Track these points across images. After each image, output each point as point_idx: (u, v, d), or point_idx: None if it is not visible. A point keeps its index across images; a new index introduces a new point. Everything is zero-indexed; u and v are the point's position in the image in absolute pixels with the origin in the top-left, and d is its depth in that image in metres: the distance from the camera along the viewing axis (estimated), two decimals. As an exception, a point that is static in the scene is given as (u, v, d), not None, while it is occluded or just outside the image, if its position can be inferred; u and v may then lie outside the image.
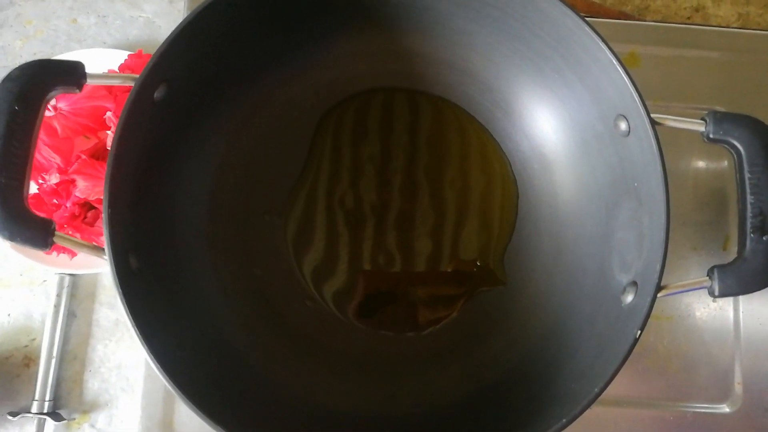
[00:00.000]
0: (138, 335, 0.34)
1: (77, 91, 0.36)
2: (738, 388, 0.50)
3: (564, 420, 0.34)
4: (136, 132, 0.37)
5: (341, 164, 0.49)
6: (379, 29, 0.46)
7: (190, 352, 0.38)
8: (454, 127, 0.49)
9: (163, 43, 0.37)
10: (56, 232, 0.35)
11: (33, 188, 0.51)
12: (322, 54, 0.47)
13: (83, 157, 0.51)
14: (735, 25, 0.66)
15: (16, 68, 0.35)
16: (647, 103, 0.37)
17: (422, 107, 0.49)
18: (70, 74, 0.35)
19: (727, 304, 0.52)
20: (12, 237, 0.33)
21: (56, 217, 0.51)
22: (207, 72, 0.42)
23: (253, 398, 0.40)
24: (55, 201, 0.51)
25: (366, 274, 0.47)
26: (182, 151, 0.43)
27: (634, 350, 0.35)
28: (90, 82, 0.36)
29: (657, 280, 0.35)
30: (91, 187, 0.50)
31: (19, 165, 0.34)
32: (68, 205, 0.51)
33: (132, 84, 0.36)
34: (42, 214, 0.49)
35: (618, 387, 0.46)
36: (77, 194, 0.50)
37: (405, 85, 0.49)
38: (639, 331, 0.35)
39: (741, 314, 0.52)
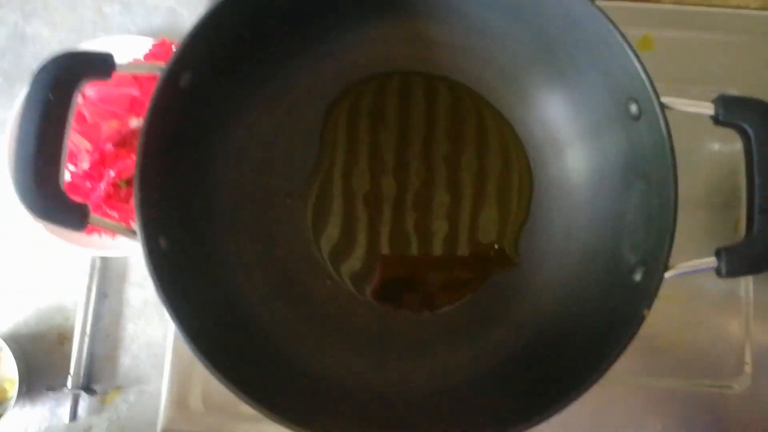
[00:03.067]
0: (170, 312, 0.36)
1: (108, 79, 0.37)
2: (747, 368, 0.51)
3: (573, 393, 0.35)
4: (163, 119, 0.38)
5: (358, 147, 0.50)
6: (395, 17, 0.47)
7: (217, 328, 0.40)
8: (470, 111, 0.50)
9: (188, 32, 0.38)
10: (91, 214, 0.36)
11: (66, 176, 0.53)
12: (340, 41, 0.48)
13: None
14: (754, 6, 0.65)
15: (50, 59, 0.36)
16: (661, 85, 0.37)
17: (438, 91, 0.50)
18: (101, 64, 0.37)
19: (737, 284, 0.52)
20: (49, 219, 0.35)
21: (93, 199, 0.53)
22: (230, 60, 0.43)
23: (277, 372, 0.42)
24: (88, 185, 0.54)
25: (384, 258, 0.48)
26: (206, 137, 0.44)
27: (645, 329, 0.36)
28: (119, 71, 0.37)
29: (664, 260, 0.36)
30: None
31: (54, 151, 0.35)
32: (102, 186, 0.53)
33: (158, 73, 0.38)
34: (79, 199, 0.52)
35: (629, 365, 0.48)
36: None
37: (421, 69, 0.50)
38: (647, 310, 0.36)
39: (751, 294, 0.52)
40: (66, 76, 0.36)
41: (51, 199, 0.35)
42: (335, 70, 0.49)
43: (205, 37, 0.39)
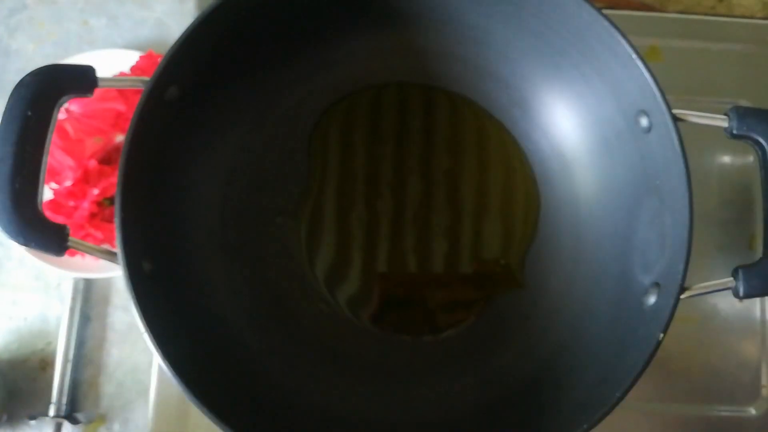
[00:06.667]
0: (151, 340, 0.34)
1: (89, 95, 0.35)
2: (765, 391, 0.49)
3: (585, 426, 0.34)
4: (147, 135, 0.37)
5: (354, 162, 0.48)
6: (392, 26, 0.46)
7: (203, 356, 0.38)
8: (471, 123, 0.48)
9: (173, 45, 0.37)
10: (70, 237, 0.34)
11: (49, 194, 0.51)
12: (333, 53, 0.47)
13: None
14: (760, 15, 0.64)
15: (28, 74, 0.34)
16: (670, 97, 0.36)
17: (437, 102, 0.48)
18: (82, 79, 0.35)
19: (753, 304, 0.50)
20: (27, 242, 0.33)
21: (76, 218, 0.51)
22: (217, 74, 0.41)
23: (267, 403, 0.40)
24: (71, 203, 0.52)
25: (382, 279, 0.46)
26: (193, 154, 0.43)
27: (658, 353, 0.34)
28: (101, 86, 0.35)
29: (680, 281, 0.34)
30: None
31: (33, 170, 0.34)
32: (86, 205, 0.51)
33: (142, 87, 0.36)
34: (60, 218, 0.50)
35: (641, 390, 0.45)
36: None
37: (419, 81, 0.48)
38: (662, 334, 0.34)
39: (768, 314, 0.51)
40: (46, 91, 0.34)
41: (28, 221, 0.33)
42: (328, 81, 0.48)
43: (191, 49, 0.37)
